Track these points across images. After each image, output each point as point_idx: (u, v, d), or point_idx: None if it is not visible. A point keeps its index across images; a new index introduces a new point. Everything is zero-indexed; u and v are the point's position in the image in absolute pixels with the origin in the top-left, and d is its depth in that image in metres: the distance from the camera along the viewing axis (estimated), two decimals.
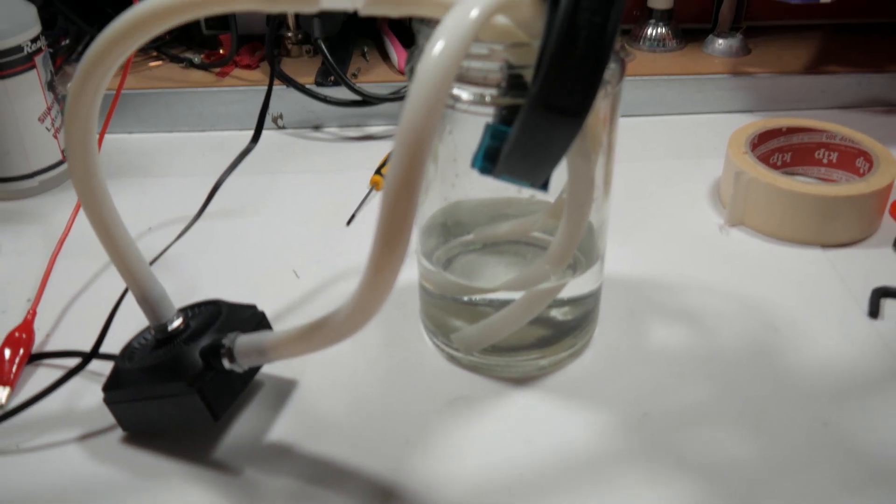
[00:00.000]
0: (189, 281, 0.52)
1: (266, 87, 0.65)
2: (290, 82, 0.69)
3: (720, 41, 0.76)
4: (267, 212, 0.60)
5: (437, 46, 0.28)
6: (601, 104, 0.38)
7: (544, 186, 0.34)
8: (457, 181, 0.42)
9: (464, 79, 0.36)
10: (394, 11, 0.32)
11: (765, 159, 0.61)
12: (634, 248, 0.55)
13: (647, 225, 0.57)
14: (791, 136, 0.61)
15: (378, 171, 0.62)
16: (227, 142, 0.69)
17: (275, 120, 0.71)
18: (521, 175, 0.34)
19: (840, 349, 0.46)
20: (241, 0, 0.32)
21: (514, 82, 0.35)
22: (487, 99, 0.36)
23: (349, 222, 0.58)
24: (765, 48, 0.77)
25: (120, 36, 0.32)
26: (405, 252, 0.30)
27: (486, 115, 0.34)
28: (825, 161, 0.61)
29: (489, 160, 0.33)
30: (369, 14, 0.32)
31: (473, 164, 0.33)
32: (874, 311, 0.48)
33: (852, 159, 0.60)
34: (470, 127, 0.35)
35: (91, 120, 0.35)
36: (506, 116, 0.33)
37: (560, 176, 0.37)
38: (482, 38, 0.34)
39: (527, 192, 0.42)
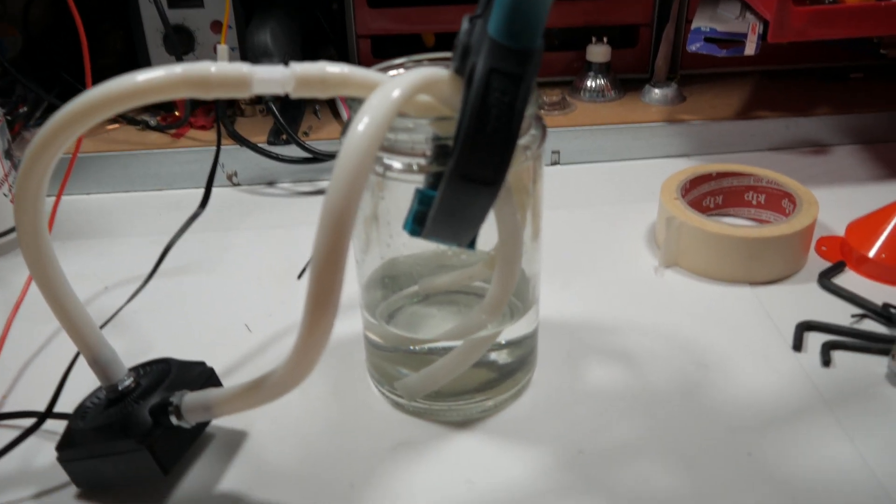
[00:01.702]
0: (144, 339, 0.54)
1: (223, 146, 0.68)
2: (243, 142, 0.71)
3: (656, 90, 0.80)
4: (221, 268, 0.61)
5: (361, 123, 0.31)
6: (523, 166, 0.41)
7: (471, 245, 0.37)
8: (391, 241, 0.44)
9: (394, 149, 0.39)
10: (322, 93, 0.35)
11: (697, 203, 0.64)
12: (573, 291, 0.57)
13: (586, 269, 0.60)
14: (721, 181, 0.64)
15: None
16: (183, 200, 0.71)
17: (230, 177, 0.73)
18: (447, 237, 0.36)
19: (765, 382, 0.49)
20: (179, 88, 0.34)
21: (439, 152, 0.38)
22: (415, 167, 0.38)
23: (300, 276, 0.60)
24: (698, 95, 0.81)
25: (69, 121, 0.34)
26: (334, 314, 0.32)
27: (417, 182, 0.37)
28: (754, 202, 0.65)
29: (418, 223, 0.35)
30: (300, 97, 0.34)
31: (405, 227, 0.36)
32: (798, 345, 0.51)
33: (778, 200, 0.63)
34: (402, 193, 0.38)
35: (39, 196, 0.37)
36: (433, 183, 0.35)
37: (492, 228, 0.40)
38: (409, 112, 0.36)
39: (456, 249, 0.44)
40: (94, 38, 0.63)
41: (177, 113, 0.78)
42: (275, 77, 0.34)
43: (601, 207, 0.69)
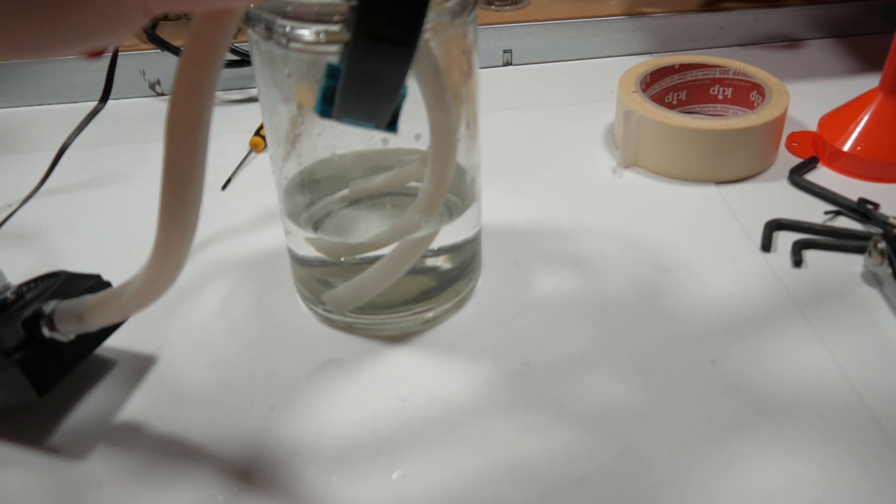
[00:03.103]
0: (49, 255, 0.48)
1: (147, 51, 0.61)
2: (165, 46, 0.65)
3: None
4: (140, 181, 0.56)
5: None
6: (450, 35, 0.36)
7: (391, 127, 0.31)
8: (304, 130, 0.39)
9: (298, 16, 0.33)
10: None
11: (659, 98, 0.59)
12: (522, 195, 0.52)
13: (537, 171, 0.55)
14: (685, 74, 0.59)
15: (258, 133, 0.58)
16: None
17: (152, 86, 0.67)
18: (360, 115, 0.31)
19: (731, 285, 0.44)
20: None
21: (352, 14, 0.32)
22: (322, 37, 0.33)
23: (225, 186, 0.54)
24: None
25: None
26: (196, 215, 0.28)
27: (332, 54, 0.31)
28: (720, 97, 0.60)
29: (328, 102, 0.30)
30: None
31: (314, 109, 0.30)
32: (766, 245, 0.47)
33: (746, 93, 0.58)
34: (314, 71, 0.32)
35: None
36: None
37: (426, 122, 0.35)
38: None
39: (378, 139, 0.39)
40: None
41: None
42: None
43: (555, 108, 0.63)
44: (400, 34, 0.27)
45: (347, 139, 0.40)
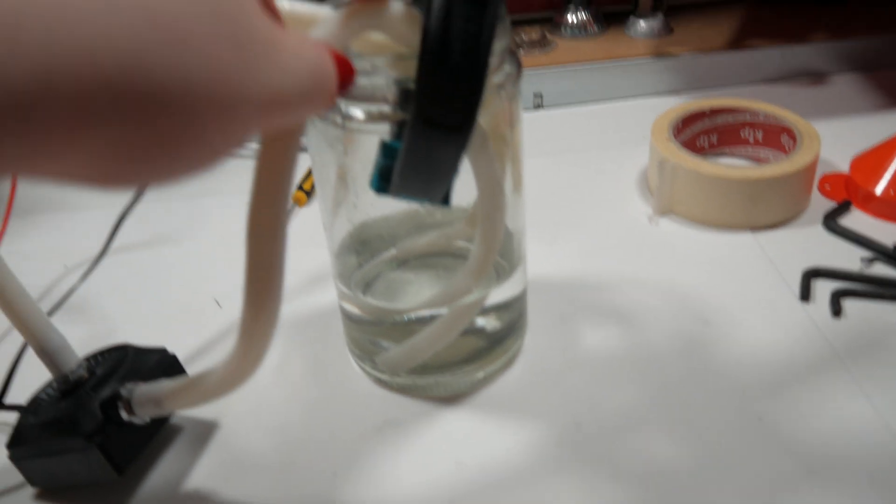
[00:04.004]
0: (105, 322, 0.50)
1: None
2: None
3: (642, 23, 0.75)
4: (188, 239, 0.57)
5: None
6: (498, 108, 0.37)
7: (445, 202, 0.33)
8: (358, 201, 0.40)
9: (354, 96, 0.35)
10: None
11: (691, 143, 0.60)
12: (561, 247, 0.54)
13: (574, 222, 0.56)
14: (715, 118, 0.60)
15: (300, 187, 0.60)
16: None
17: None
18: (416, 193, 0.32)
19: (773, 338, 0.45)
20: None
21: (403, 96, 0.33)
22: (377, 115, 0.34)
23: None
24: (686, 27, 0.76)
25: None
26: (279, 293, 0.29)
27: (382, 133, 0.32)
28: (751, 140, 0.61)
29: (384, 179, 0.31)
30: None
31: (370, 185, 0.32)
32: (805, 294, 0.48)
33: (777, 136, 0.59)
34: (368, 146, 0.34)
35: None
36: (398, 133, 0.31)
37: (471, 183, 0.36)
38: (363, 51, 0.32)
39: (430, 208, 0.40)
40: None
41: None
42: None
43: (588, 153, 0.65)
44: (456, 121, 0.28)
45: (375, 209, 0.41)
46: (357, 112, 0.35)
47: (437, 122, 0.28)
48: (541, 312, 0.48)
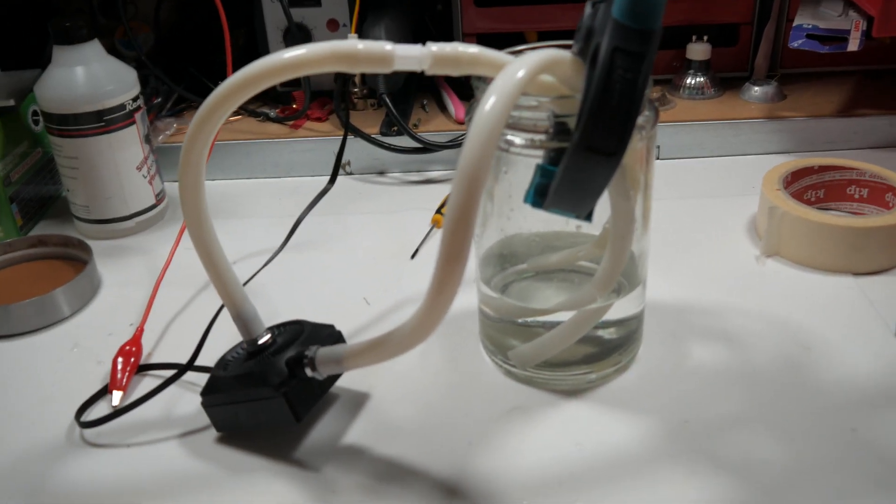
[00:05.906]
0: (272, 306, 0.58)
1: (337, 137, 0.73)
2: (357, 133, 0.76)
3: (756, 88, 0.81)
4: (339, 248, 0.66)
5: (490, 101, 0.34)
6: (638, 146, 0.44)
7: (588, 217, 0.40)
8: (512, 215, 0.47)
9: (517, 126, 0.42)
10: (455, 71, 0.38)
11: (798, 196, 0.65)
12: (677, 277, 0.59)
13: (688, 256, 0.62)
14: (823, 174, 0.65)
15: (438, 211, 0.68)
16: (300, 187, 0.76)
17: (343, 167, 0.77)
18: (568, 207, 0.39)
19: (867, 365, 0.50)
20: (329, 62, 0.38)
21: (559, 129, 0.41)
22: (537, 143, 0.41)
23: (413, 256, 0.63)
24: (799, 94, 0.82)
25: (230, 92, 0.38)
26: (462, 273, 0.35)
27: (536, 157, 0.39)
28: (856, 196, 0.65)
29: (539, 195, 0.39)
30: (434, 73, 0.38)
31: (526, 200, 0.39)
32: None
33: (882, 194, 0.64)
34: (522, 168, 0.41)
35: (201, 163, 0.41)
36: (553, 158, 0.38)
37: (603, 210, 0.43)
38: (531, 92, 0.39)
39: (573, 224, 0.47)
40: (217, 36, 0.68)
41: (294, 106, 0.83)
42: (413, 54, 0.37)
43: (701, 199, 0.70)
44: (612, 148, 0.35)
45: (528, 223, 0.48)
46: (518, 139, 0.42)
47: (597, 148, 0.35)
48: (655, 329, 0.53)
